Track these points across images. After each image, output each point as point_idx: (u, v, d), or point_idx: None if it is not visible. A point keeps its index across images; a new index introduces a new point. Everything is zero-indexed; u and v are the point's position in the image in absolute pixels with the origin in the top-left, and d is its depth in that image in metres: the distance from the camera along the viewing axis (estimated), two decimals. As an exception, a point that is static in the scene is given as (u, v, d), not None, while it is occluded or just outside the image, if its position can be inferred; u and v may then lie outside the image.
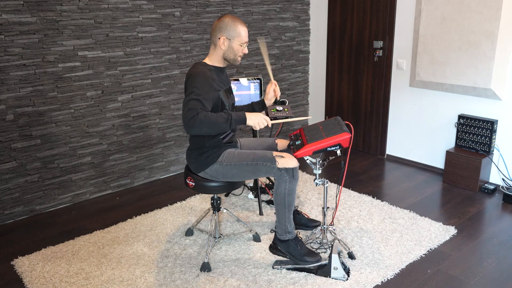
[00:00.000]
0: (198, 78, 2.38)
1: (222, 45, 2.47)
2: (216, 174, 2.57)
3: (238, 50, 2.50)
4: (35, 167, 3.37)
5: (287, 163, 2.45)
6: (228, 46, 2.47)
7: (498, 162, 3.64)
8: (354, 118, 4.66)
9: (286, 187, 2.48)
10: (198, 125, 2.26)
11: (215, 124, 2.30)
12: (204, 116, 2.26)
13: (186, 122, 2.26)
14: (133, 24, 3.61)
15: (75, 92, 3.44)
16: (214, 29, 2.48)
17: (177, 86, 3.99)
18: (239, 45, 2.48)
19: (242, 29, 2.47)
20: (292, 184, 2.49)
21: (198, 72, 2.41)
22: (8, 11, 3.03)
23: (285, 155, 2.49)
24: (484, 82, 3.53)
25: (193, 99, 2.30)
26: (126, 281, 2.55)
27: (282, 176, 2.47)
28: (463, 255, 2.75)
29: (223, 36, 2.45)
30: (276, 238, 2.62)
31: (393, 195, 3.61)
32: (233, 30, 2.45)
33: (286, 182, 2.47)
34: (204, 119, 2.26)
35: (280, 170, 2.45)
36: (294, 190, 2.51)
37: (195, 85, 2.35)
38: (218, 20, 2.48)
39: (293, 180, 2.48)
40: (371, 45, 4.33)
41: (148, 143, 3.93)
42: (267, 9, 4.48)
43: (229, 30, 2.44)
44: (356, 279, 2.51)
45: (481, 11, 3.42)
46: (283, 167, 2.45)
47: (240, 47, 2.49)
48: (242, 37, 2.48)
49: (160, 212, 3.38)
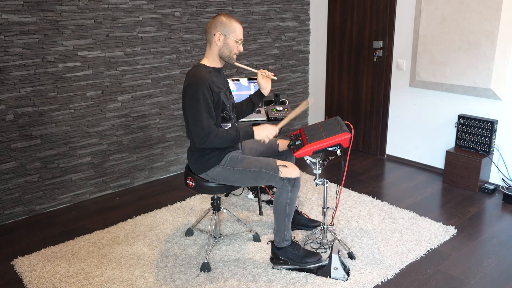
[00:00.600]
0: (199, 88, 2.37)
1: (218, 41, 2.46)
2: (217, 177, 2.56)
3: (234, 46, 2.49)
4: (35, 167, 3.37)
5: (290, 173, 2.45)
6: (224, 42, 2.46)
7: (498, 162, 3.64)
8: (354, 118, 4.66)
9: (288, 197, 2.48)
10: (209, 144, 2.42)
11: (224, 143, 2.45)
12: (214, 136, 2.40)
13: (198, 142, 2.42)
14: (133, 24, 3.61)
15: (75, 92, 3.44)
16: (209, 26, 2.47)
17: (177, 86, 3.99)
18: (235, 41, 2.47)
19: (237, 26, 2.47)
20: (294, 193, 2.48)
21: (197, 78, 2.39)
22: (8, 11, 3.03)
23: (289, 165, 2.48)
24: (484, 82, 3.53)
25: (201, 119, 2.38)
26: (126, 281, 2.55)
27: (284, 185, 2.46)
28: (463, 255, 2.75)
29: (219, 31, 2.44)
30: (274, 247, 2.62)
31: (393, 195, 3.61)
32: (228, 27, 2.44)
33: (288, 192, 2.47)
34: (215, 139, 2.41)
35: (282, 180, 2.45)
36: (295, 200, 2.51)
37: (198, 98, 2.37)
38: (213, 18, 2.48)
39: (294, 190, 2.47)
40: (371, 45, 4.33)
41: (148, 143, 3.93)
42: (267, 9, 4.48)
43: (224, 26, 2.44)
44: (356, 279, 2.51)
45: (481, 11, 3.42)
46: (285, 177, 2.45)
47: (235, 44, 2.48)
48: (237, 33, 2.47)
49: (160, 212, 3.38)
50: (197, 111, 2.38)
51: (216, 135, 2.40)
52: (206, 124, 2.38)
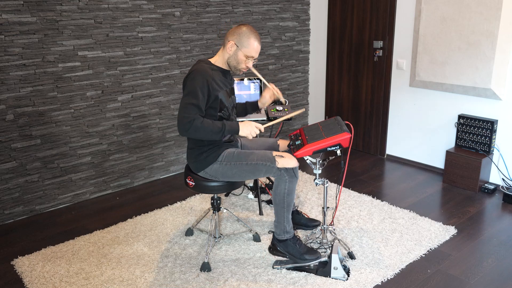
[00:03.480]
0: (197, 79, 2.38)
1: (229, 49, 2.47)
2: (216, 174, 2.57)
3: (242, 60, 2.48)
4: (35, 167, 3.37)
5: (287, 163, 2.45)
6: (234, 53, 2.46)
7: (498, 162, 3.64)
8: (354, 118, 4.66)
9: (286, 187, 2.48)
10: (192, 131, 2.34)
11: (208, 133, 2.37)
12: (200, 123, 2.33)
13: (182, 125, 2.32)
14: (133, 24, 3.61)
15: (75, 92, 3.44)
16: (229, 32, 2.48)
17: (177, 86, 3.99)
18: (245, 56, 2.47)
19: (254, 43, 2.45)
20: (292, 183, 2.48)
21: (199, 71, 2.40)
22: (8, 11, 3.03)
23: (285, 155, 2.48)
24: (484, 82, 3.53)
25: (191, 104, 2.33)
26: (126, 281, 2.55)
27: (282, 176, 2.46)
28: (463, 255, 2.75)
29: (233, 41, 2.45)
30: (275, 239, 2.62)
31: (393, 195, 3.61)
32: (245, 40, 2.44)
33: (285, 182, 2.47)
34: (200, 126, 2.33)
35: (280, 170, 2.45)
36: (293, 190, 2.51)
37: (195, 86, 2.36)
38: (238, 26, 2.48)
39: (292, 180, 2.48)
40: (371, 45, 4.33)
41: (148, 143, 3.93)
42: (267, 9, 4.48)
43: (242, 38, 2.44)
44: (356, 279, 2.51)
45: (481, 11, 3.42)
46: (282, 167, 2.45)
47: (244, 59, 2.48)
48: (251, 50, 2.46)
49: (160, 212, 3.38)
50: (189, 96, 2.36)
51: (202, 122, 2.33)
52: (192, 111, 2.33)
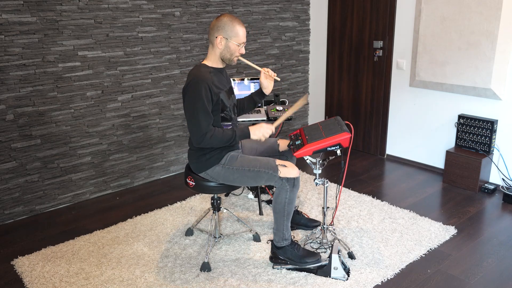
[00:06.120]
0: (199, 87, 2.37)
1: (219, 45, 2.46)
2: (217, 176, 2.56)
3: (235, 50, 2.48)
4: (35, 167, 3.37)
5: (289, 173, 2.45)
6: (225, 46, 2.46)
7: (498, 162, 3.64)
8: (354, 118, 4.66)
9: (287, 196, 2.48)
10: (206, 143, 2.43)
11: (220, 143, 2.46)
12: (211, 137, 2.41)
13: (195, 140, 2.43)
14: (133, 24, 3.61)
15: (75, 92, 3.44)
16: (212, 28, 2.47)
17: (177, 86, 3.99)
18: (236, 45, 2.47)
19: (240, 29, 2.45)
20: (293, 193, 2.48)
21: (198, 77, 2.39)
22: (8, 11, 3.03)
23: (288, 164, 2.48)
24: (484, 82, 3.53)
25: (202, 118, 2.39)
26: (126, 281, 2.55)
27: (283, 185, 2.46)
28: (463, 255, 2.75)
29: (220, 35, 2.44)
30: (274, 247, 2.62)
31: (393, 195, 3.61)
32: (231, 30, 2.43)
33: (287, 192, 2.47)
34: (211, 139, 2.42)
35: (282, 179, 2.45)
36: (294, 199, 2.51)
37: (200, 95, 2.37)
38: (216, 19, 2.46)
39: (294, 189, 2.48)
40: (371, 45, 4.33)
41: (148, 143, 3.93)
42: (267, 9, 4.48)
43: (227, 29, 2.43)
44: (356, 279, 2.51)
45: (481, 11, 3.42)
46: (284, 176, 2.45)
47: (237, 47, 2.48)
48: (240, 37, 2.46)
49: (160, 212, 3.38)
50: (195, 111, 2.38)
51: (213, 135, 2.41)
52: (203, 124, 2.39)
